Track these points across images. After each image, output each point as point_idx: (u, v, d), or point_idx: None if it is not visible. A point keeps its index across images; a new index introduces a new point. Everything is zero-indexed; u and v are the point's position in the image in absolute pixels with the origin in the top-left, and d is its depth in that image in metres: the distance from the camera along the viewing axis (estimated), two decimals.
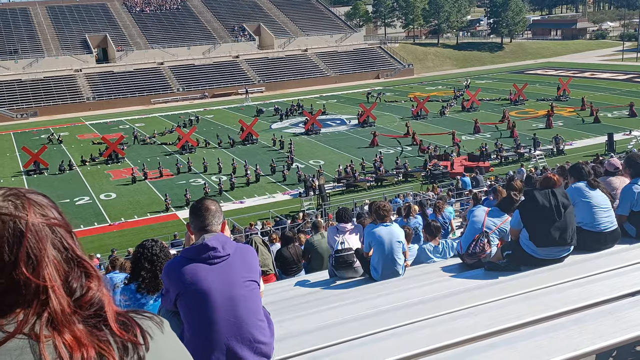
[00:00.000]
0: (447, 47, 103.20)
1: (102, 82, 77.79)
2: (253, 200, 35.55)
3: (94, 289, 1.20)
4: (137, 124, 60.54)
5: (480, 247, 6.79)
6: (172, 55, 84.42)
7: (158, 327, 1.27)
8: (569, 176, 7.19)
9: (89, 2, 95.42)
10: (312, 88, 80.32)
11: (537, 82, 72.20)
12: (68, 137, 56.05)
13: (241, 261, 3.68)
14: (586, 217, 6.49)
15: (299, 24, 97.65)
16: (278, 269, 9.98)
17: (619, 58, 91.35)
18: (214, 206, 3.83)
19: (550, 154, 40.10)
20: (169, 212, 34.11)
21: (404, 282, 6.69)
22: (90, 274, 1.22)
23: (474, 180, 28.98)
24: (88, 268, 1.23)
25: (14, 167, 45.94)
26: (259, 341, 3.60)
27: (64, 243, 1.21)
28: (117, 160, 45.42)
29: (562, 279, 5.43)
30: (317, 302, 6.33)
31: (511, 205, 7.14)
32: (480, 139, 45.21)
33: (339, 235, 7.91)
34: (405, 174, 37.64)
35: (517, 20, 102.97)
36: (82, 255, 1.23)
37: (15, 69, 76.79)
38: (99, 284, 1.23)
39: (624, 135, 43.07)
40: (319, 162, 42.06)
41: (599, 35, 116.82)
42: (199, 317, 3.56)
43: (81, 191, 38.61)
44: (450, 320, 4.62)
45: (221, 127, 56.83)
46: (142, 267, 4.62)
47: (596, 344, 3.87)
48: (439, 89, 73.91)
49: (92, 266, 1.24)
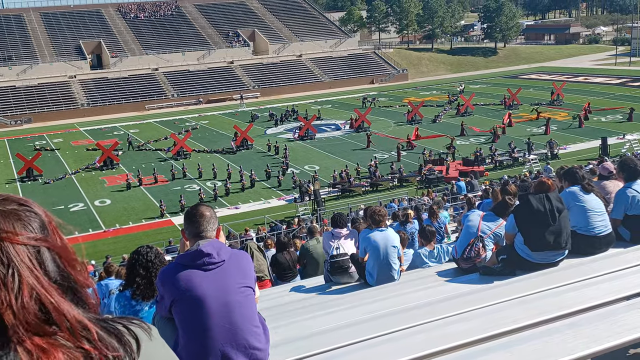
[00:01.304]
0: (441, 52, 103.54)
1: (97, 88, 77.70)
2: (248, 206, 35.52)
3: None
4: (132, 130, 60.46)
5: (475, 251, 6.79)
6: (166, 61, 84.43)
7: (146, 333, 1.25)
8: (563, 180, 7.21)
9: (83, 9, 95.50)
10: (307, 93, 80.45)
11: (531, 86, 72.48)
12: (62, 143, 55.95)
13: (236, 267, 3.67)
14: (581, 221, 6.51)
15: (294, 30, 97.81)
16: (273, 274, 9.97)
17: (612, 62, 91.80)
18: (208, 212, 3.82)
19: (544, 158, 40.24)
20: (163, 219, 34.05)
21: (400, 287, 6.69)
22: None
23: (469, 185, 29.05)
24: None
25: (8, 173, 45.79)
26: (254, 347, 3.59)
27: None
28: (112, 167, 45.33)
29: (557, 283, 5.44)
30: (313, 307, 6.32)
31: (506, 209, 7.15)
32: (474, 143, 45.33)
33: (334, 240, 7.90)
34: (401, 179, 37.70)
35: (510, 25, 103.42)
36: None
37: (10, 76, 76.67)
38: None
39: (618, 140, 43.26)
40: (314, 167, 42.08)
41: (592, 39, 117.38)
42: (194, 323, 3.55)
43: (76, 198, 38.51)
44: (445, 325, 4.62)
45: (216, 132, 56.85)
46: (137, 274, 4.61)
47: (591, 348, 3.88)
48: (433, 93, 74.09)
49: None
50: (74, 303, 1.18)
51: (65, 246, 1.23)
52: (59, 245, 1.20)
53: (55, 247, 1.19)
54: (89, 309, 1.22)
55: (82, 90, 77.00)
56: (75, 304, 1.18)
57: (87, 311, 1.20)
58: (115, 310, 4.66)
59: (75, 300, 1.19)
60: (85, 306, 1.21)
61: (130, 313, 4.48)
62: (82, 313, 1.17)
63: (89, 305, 1.22)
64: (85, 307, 1.21)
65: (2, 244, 1.13)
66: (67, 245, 1.24)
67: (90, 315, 1.19)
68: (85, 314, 1.18)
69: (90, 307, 1.22)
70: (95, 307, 1.24)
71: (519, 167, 38.48)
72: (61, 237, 1.24)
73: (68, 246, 1.24)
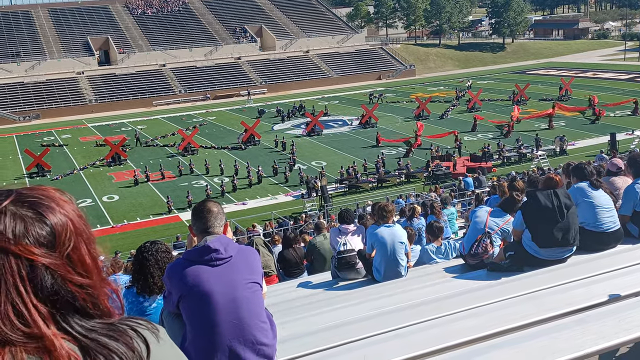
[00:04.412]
0: (449, 47, 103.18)
1: (104, 84, 77.89)
2: (255, 202, 35.56)
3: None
4: (139, 126, 60.60)
5: (482, 247, 6.78)
6: (173, 57, 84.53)
7: (154, 336, 1.21)
8: (571, 176, 7.18)
9: (90, 5, 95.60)
10: (314, 89, 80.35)
11: (540, 82, 72.14)
12: (70, 139, 56.16)
13: (243, 263, 3.68)
14: (589, 217, 6.48)
15: (301, 25, 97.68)
16: (281, 270, 9.98)
17: (621, 58, 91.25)
18: (216, 208, 3.83)
19: (552, 154, 40.08)
20: (171, 214, 34.14)
21: (407, 283, 6.68)
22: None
23: (477, 181, 28.98)
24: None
25: (17, 169, 46.02)
26: (261, 343, 3.59)
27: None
28: (120, 163, 45.48)
29: (565, 280, 5.42)
30: (320, 303, 6.33)
31: (513, 205, 7.13)
32: (482, 139, 45.19)
33: (342, 236, 7.90)
34: (408, 175, 37.63)
35: (518, 21, 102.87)
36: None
37: (18, 72, 76.93)
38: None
39: (627, 135, 43.02)
40: (321, 163, 42.06)
41: (601, 35, 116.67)
42: (202, 319, 3.56)
43: (84, 193, 38.64)
44: (453, 321, 4.61)
45: (223, 129, 56.91)
46: (143, 270, 4.62)
47: (599, 345, 3.86)
48: (440, 89, 73.86)
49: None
50: (76, 313, 1.14)
51: (82, 260, 1.17)
52: (58, 263, 1.13)
53: (54, 266, 1.12)
54: (103, 314, 1.18)
55: (89, 86, 77.21)
56: (75, 313, 1.14)
57: (93, 318, 1.16)
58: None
59: (76, 309, 1.14)
60: (98, 313, 1.17)
61: (138, 309, 4.50)
62: (79, 322, 1.13)
63: (102, 312, 1.18)
64: (97, 314, 1.17)
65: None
66: (85, 260, 1.17)
67: (94, 322, 1.15)
68: (86, 322, 1.14)
69: (104, 313, 1.19)
70: (111, 312, 1.20)
71: (527, 163, 38.35)
72: (80, 250, 1.18)
73: (86, 261, 1.17)
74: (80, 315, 1.15)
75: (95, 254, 1.21)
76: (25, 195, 1.16)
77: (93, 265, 1.19)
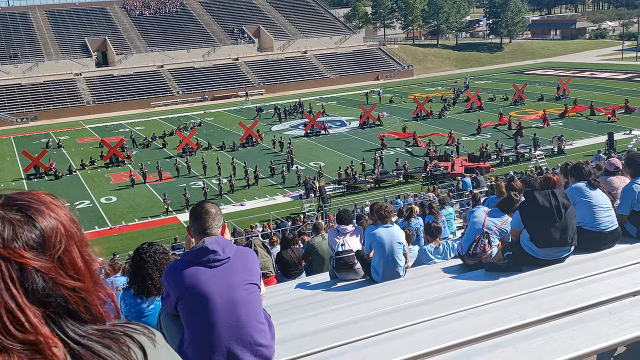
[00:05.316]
0: (447, 47, 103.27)
1: (102, 85, 77.85)
2: (253, 203, 35.53)
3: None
4: (137, 127, 60.54)
5: (481, 247, 6.78)
6: (171, 58, 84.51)
7: (151, 341, 1.20)
8: (569, 176, 7.19)
9: (88, 6, 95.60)
10: (312, 90, 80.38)
11: (537, 82, 72.19)
12: (68, 141, 56.09)
13: (241, 264, 3.68)
14: (586, 217, 6.49)
15: (299, 26, 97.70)
16: (279, 271, 9.98)
17: (619, 57, 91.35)
18: (213, 209, 3.83)
19: (550, 154, 40.09)
20: (169, 215, 34.11)
21: (405, 284, 6.68)
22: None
23: (475, 181, 28.98)
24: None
25: (15, 171, 45.96)
26: (259, 344, 3.59)
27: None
28: (118, 164, 45.45)
29: (563, 279, 5.43)
30: (318, 304, 6.32)
31: (511, 205, 7.13)
32: (480, 139, 45.19)
33: (340, 237, 7.90)
34: (406, 175, 37.64)
35: (516, 21, 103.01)
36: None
37: (15, 73, 76.85)
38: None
39: (624, 135, 43.06)
40: (319, 163, 42.05)
41: (599, 34, 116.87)
42: (200, 320, 3.56)
43: (81, 195, 38.60)
44: (451, 322, 4.61)
45: (221, 129, 56.87)
46: (141, 271, 4.61)
47: (597, 344, 3.87)
48: (438, 89, 73.90)
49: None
50: (69, 317, 1.13)
51: (73, 263, 1.15)
52: (49, 266, 1.11)
53: (44, 269, 1.11)
54: (96, 319, 1.17)
55: (87, 87, 77.16)
56: (68, 317, 1.12)
57: (85, 323, 1.14)
58: (121, 309, 4.67)
59: (69, 313, 1.13)
60: (90, 318, 1.16)
61: (136, 311, 4.49)
62: (72, 327, 1.12)
63: (95, 317, 1.17)
64: (90, 319, 1.15)
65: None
66: (77, 263, 1.16)
67: (87, 328, 1.14)
68: (79, 328, 1.13)
69: (98, 319, 1.17)
70: (105, 317, 1.19)
71: (525, 163, 38.37)
72: (72, 253, 1.16)
73: (78, 264, 1.16)
74: (73, 319, 1.13)
75: (88, 257, 1.20)
76: (13, 199, 1.16)
77: (85, 269, 1.17)
